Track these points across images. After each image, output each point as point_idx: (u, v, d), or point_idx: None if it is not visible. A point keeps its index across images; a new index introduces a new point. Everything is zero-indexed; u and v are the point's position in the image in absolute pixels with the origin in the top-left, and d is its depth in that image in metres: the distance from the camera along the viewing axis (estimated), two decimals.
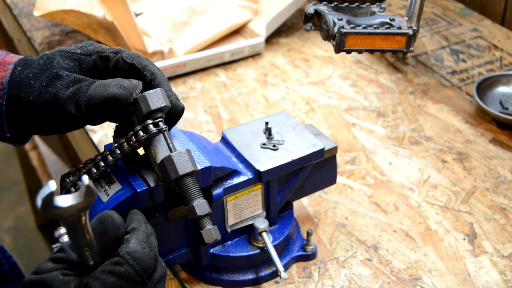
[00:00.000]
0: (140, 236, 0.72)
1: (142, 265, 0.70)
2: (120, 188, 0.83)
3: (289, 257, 1.00)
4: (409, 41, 0.99)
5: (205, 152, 0.89)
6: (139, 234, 0.72)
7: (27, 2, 1.69)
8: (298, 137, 0.99)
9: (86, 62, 0.83)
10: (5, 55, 0.83)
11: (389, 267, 1.00)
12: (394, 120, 1.31)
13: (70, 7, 1.36)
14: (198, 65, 1.45)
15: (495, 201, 1.12)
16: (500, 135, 1.26)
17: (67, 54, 0.83)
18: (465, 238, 1.05)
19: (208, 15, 1.52)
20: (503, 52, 1.50)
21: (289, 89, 1.41)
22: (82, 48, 0.84)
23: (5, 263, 0.84)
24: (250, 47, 1.49)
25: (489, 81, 1.35)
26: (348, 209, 1.10)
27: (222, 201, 0.92)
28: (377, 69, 1.47)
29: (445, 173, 1.18)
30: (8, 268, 0.85)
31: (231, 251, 0.96)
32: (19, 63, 0.82)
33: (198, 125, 1.30)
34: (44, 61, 0.82)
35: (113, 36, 1.37)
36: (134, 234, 0.72)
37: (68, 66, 0.82)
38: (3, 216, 2.79)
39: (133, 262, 0.69)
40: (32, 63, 0.82)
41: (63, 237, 0.85)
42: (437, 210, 1.10)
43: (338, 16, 0.99)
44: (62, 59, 0.82)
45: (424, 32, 1.59)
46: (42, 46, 1.52)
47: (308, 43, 1.56)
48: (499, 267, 1.00)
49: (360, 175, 1.17)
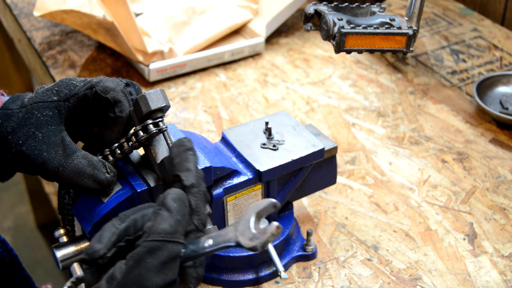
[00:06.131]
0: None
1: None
2: (120, 188, 0.83)
3: (289, 257, 1.00)
4: (409, 41, 0.99)
5: (205, 152, 0.89)
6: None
7: (27, 2, 1.69)
8: (298, 137, 0.99)
9: (64, 107, 0.83)
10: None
11: (389, 267, 1.00)
12: (394, 120, 1.31)
13: (70, 7, 1.35)
14: (198, 65, 1.45)
15: (495, 201, 1.12)
16: (500, 135, 1.26)
17: (44, 104, 0.83)
18: (465, 238, 1.05)
19: (208, 15, 1.52)
20: (503, 52, 1.50)
21: (289, 89, 1.41)
22: (58, 93, 0.84)
23: (6, 256, 0.85)
24: (250, 47, 1.49)
25: (489, 81, 1.35)
26: (348, 209, 1.10)
27: (222, 201, 0.92)
28: (377, 69, 1.47)
29: (445, 173, 1.18)
30: (9, 260, 0.85)
31: (231, 251, 0.96)
32: (0, 113, 0.83)
33: (198, 125, 1.30)
34: (23, 115, 0.82)
35: (113, 36, 1.37)
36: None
37: (47, 118, 0.82)
38: (3, 216, 2.79)
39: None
40: (12, 115, 0.82)
41: (63, 237, 0.85)
42: (437, 210, 1.10)
43: (338, 16, 0.99)
44: (40, 111, 0.82)
45: (424, 32, 1.59)
46: (42, 46, 1.52)
47: (308, 43, 1.56)
48: (499, 267, 1.00)
49: (360, 175, 1.17)
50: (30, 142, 0.80)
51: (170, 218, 0.68)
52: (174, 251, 0.67)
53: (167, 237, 0.67)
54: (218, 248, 0.69)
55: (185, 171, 0.74)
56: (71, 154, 0.80)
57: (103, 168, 0.80)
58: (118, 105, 0.83)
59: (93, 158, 0.80)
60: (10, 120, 0.82)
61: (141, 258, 0.65)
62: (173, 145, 0.77)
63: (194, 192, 0.73)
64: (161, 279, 0.65)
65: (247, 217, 0.69)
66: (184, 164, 0.74)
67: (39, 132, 0.81)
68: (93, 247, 0.68)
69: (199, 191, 0.73)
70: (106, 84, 0.83)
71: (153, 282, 0.65)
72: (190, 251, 0.69)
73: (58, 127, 0.82)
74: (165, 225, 0.67)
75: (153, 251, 0.66)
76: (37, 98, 0.83)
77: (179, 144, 0.76)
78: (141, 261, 0.65)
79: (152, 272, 0.65)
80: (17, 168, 0.83)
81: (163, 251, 0.66)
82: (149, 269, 0.65)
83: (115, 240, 0.69)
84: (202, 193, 0.73)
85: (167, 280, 0.66)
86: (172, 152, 0.76)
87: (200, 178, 0.74)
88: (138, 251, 0.66)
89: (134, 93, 0.86)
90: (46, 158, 0.80)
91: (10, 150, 0.81)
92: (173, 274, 0.67)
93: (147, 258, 0.65)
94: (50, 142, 0.81)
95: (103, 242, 0.69)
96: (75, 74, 1.43)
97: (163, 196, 0.69)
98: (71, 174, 0.79)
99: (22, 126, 0.81)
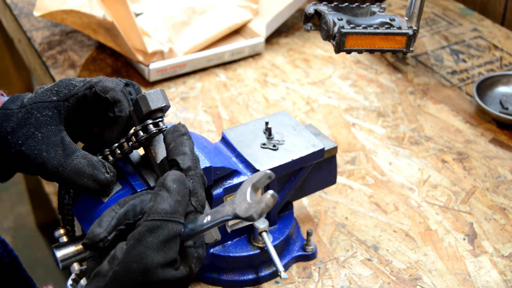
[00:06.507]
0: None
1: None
2: (120, 188, 0.83)
3: (289, 257, 1.00)
4: (409, 41, 0.99)
5: (205, 152, 0.89)
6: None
7: (27, 2, 1.69)
8: (298, 137, 0.99)
9: (64, 107, 0.83)
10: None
11: (389, 267, 1.00)
12: (394, 120, 1.31)
13: (70, 7, 1.35)
14: (198, 65, 1.45)
15: (495, 201, 1.12)
16: (500, 135, 1.26)
17: (44, 104, 0.83)
18: (465, 238, 1.05)
19: (208, 15, 1.52)
20: (503, 52, 1.50)
21: (289, 89, 1.41)
22: (58, 93, 0.84)
23: (6, 256, 0.85)
24: (250, 47, 1.49)
25: (489, 81, 1.35)
26: (348, 209, 1.10)
27: (222, 201, 0.92)
28: (377, 69, 1.47)
29: (445, 173, 1.18)
30: (9, 261, 0.86)
31: (231, 251, 0.96)
32: (0, 113, 0.83)
33: (198, 125, 1.30)
34: (22, 115, 0.82)
35: (113, 36, 1.37)
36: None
37: (47, 118, 0.82)
38: (3, 216, 2.79)
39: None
40: (11, 115, 0.82)
41: (63, 237, 0.85)
42: (437, 210, 1.10)
43: (338, 16, 0.99)
44: (40, 111, 0.82)
45: (424, 32, 1.59)
46: (42, 46, 1.52)
47: (308, 43, 1.56)
48: (499, 267, 1.00)
49: (360, 175, 1.17)
50: (30, 142, 0.80)
51: (170, 198, 0.69)
52: (174, 230, 0.68)
53: (167, 216, 0.68)
54: (217, 223, 0.70)
55: (181, 155, 0.75)
56: (71, 154, 0.80)
57: (103, 168, 0.80)
58: (117, 104, 0.83)
59: (92, 158, 0.80)
60: (9, 120, 0.82)
61: (141, 237, 0.66)
62: (167, 132, 0.78)
63: (191, 174, 0.74)
64: (162, 257, 0.66)
65: (244, 190, 0.70)
66: (180, 148, 0.75)
67: (39, 132, 0.81)
68: (93, 231, 0.70)
69: (196, 173, 0.74)
70: (106, 84, 0.83)
71: (153, 260, 0.66)
72: (189, 230, 0.70)
73: (57, 127, 0.82)
74: (165, 205, 0.68)
75: (153, 230, 0.67)
76: (36, 98, 0.83)
77: (174, 130, 0.77)
78: (141, 239, 0.66)
79: (152, 251, 0.66)
80: (17, 168, 0.83)
81: (163, 229, 0.67)
82: (150, 248, 0.66)
83: (115, 224, 0.71)
84: (200, 175, 0.74)
85: (167, 259, 0.67)
86: (167, 138, 0.77)
87: (197, 161, 0.75)
88: (138, 230, 0.67)
89: (133, 93, 0.86)
90: (46, 158, 0.80)
91: (9, 150, 0.81)
92: (173, 253, 0.68)
93: (148, 237, 0.66)
94: (50, 142, 0.81)
95: (103, 226, 0.70)
96: (75, 74, 1.43)
97: (163, 178, 0.71)
98: (71, 174, 0.80)
99: (21, 126, 0.81)
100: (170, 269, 0.68)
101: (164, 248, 0.67)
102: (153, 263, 0.66)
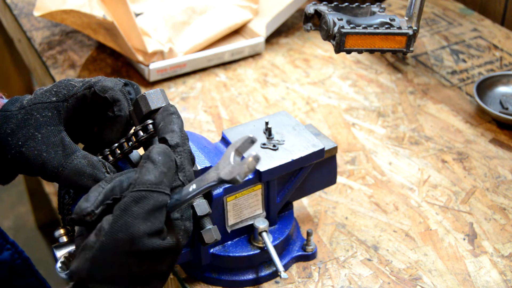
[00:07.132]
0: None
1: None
2: None
3: (289, 257, 1.00)
4: (409, 41, 0.99)
5: (205, 152, 0.89)
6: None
7: (27, 2, 1.69)
8: (298, 137, 0.99)
9: (63, 108, 0.83)
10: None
11: (389, 267, 1.00)
12: (394, 120, 1.31)
13: (70, 7, 1.35)
14: (198, 65, 1.45)
15: (495, 201, 1.12)
16: (500, 135, 1.26)
17: (43, 105, 0.83)
18: (465, 238, 1.05)
19: (208, 15, 1.52)
20: (503, 52, 1.50)
21: (289, 89, 1.41)
22: (57, 94, 0.84)
23: (17, 258, 0.85)
24: (250, 47, 1.49)
25: (489, 81, 1.35)
26: (348, 209, 1.10)
27: (222, 201, 0.92)
28: (377, 69, 1.47)
29: (445, 173, 1.18)
30: (21, 263, 0.86)
31: (231, 251, 0.96)
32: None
33: (198, 125, 1.30)
34: (22, 117, 0.82)
35: (113, 36, 1.37)
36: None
37: (46, 118, 0.82)
38: (3, 216, 2.79)
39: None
40: (11, 117, 0.82)
41: (63, 237, 0.85)
42: (437, 210, 1.10)
43: (338, 16, 0.99)
44: (39, 112, 0.82)
45: (424, 32, 1.59)
46: (42, 46, 1.52)
47: (308, 43, 1.56)
48: (499, 267, 1.00)
49: (360, 175, 1.17)
50: (30, 143, 0.80)
51: (155, 170, 0.70)
52: (160, 200, 0.69)
53: (152, 187, 0.69)
54: (203, 190, 0.71)
55: (170, 132, 0.76)
56: (71, 154, 0.80)
57: (103, 168, 0.80)
58: (117, 104, 0.83)
59: (92, 158, 0.81)
60: (9, 121, 0.82)
61: (127, 207, 0.68)
62: (158, 113, 0.79)
63: (180, 150, 0.75)
64: (148, 227, 0.67)
65: (227, 155, 0.71)
66: (169, 126, 0.76)
67: (39, 133, 0.81)
68: (80, 205, 0.71)
69: (184, 149, 0.75)
70: (105, 83, 0.84)
71: (139, 229, 0.67)
72: (175, 200, 0.71)
73: (57, 127, 0.82)
74: (150, 176, 0.69)
75: (139, 200, 0.68)
76: (36, 99, 0.83)
77: (163, 110, 0.79)
78: (127, 210, 0.67)
79: (138, 220, 0.67)
80: (17, 170, 0.83)
81: (148, 200, 0.68)
82: (135, 217, 0.67)
83: (102, 199, 0.71)
84: (187, 152, 0.75)
85: (153, 228, 0.68)
86: (157, 118, 0.78)
87: (185, 138, 0.76)
88: (124, 201, 0.68)
89: (133, 92, 0.86)
90: (46, 159, 0.80)
91: (9, 152, 0.81)
92: (159, 222, 0.69)
93: (133, 207, 0.67)
94: (50, 142, 0.81)
95: (90, 201, 0.71)
96: (75, 74, 1.43)
97: (148, 151, 0.72)
98: (71, 174, 0.80)
99: (21, 127, 0.81)
100: (156, 238, 0.68)
101: (150, 218, 0.68)
102: (139, 232, 0.67)
